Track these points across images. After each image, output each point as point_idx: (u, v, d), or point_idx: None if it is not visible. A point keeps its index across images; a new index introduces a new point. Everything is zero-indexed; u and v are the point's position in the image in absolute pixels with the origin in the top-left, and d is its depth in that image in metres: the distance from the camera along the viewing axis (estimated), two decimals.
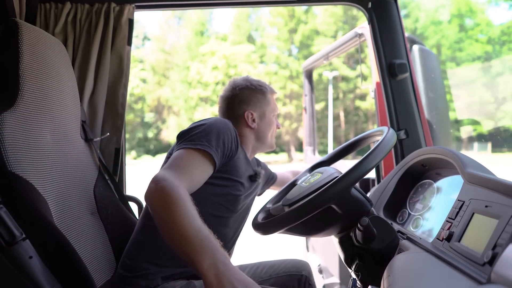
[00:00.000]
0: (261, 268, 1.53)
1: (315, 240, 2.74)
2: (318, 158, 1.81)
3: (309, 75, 3.05)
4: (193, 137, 1.15)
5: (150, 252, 1.24)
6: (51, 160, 1.17)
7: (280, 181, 1.81)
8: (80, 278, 1.03)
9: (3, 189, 0.98)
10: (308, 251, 2.90)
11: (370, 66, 1.92)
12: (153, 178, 0.96)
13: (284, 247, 4.99)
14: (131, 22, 1.74)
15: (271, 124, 1.49)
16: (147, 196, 0.93)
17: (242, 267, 1.53)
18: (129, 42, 1.75)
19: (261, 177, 1.47)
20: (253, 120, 1.46)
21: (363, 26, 1.96)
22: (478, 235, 0.77)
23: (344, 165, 1.89)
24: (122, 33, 1.72)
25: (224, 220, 1.33)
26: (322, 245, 2.58)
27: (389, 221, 1.10)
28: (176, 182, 0.95)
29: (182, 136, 1.19)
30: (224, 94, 1.49)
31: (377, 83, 1.86)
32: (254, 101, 1.46)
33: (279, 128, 1.55)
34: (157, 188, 0.92)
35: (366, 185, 1.96)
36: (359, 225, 0.94)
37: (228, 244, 1.38)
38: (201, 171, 1.11)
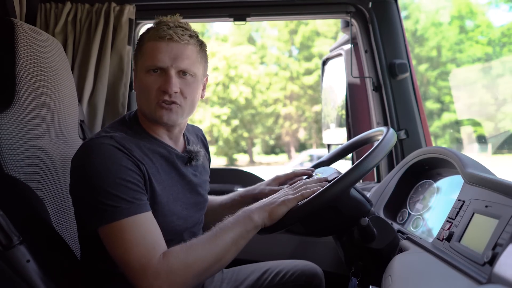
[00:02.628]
0: (268, 273, 1.27)
1: None
2: None
3: None
4: (100, 205, 0.90)
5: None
6: (49, 162, 1.16)
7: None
8: (79, 280, 1.02)
9: (0, 192, 0.98)
10: None
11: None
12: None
13: None
14: (131, 21, 1.74)
15: (140, 84, 1.03)
16: None
17: (249, 270, 1.31)
18: (130, 42, 1.75)
19: (199, 157, 1.14)
20: (134, 81, 1.11)
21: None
22: (478, 235, 0.77)
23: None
24: (123, 33, 1.72)
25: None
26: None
27: (389, 221, 1.10)
28: (155, 263, 0.87)
29: (86, 206, 0.93)
30: None
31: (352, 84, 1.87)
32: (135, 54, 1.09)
33: (165, 92, 0.99)
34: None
35: None
36: (359, 225, 0.94)
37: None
38: (150, 224, 0.93)
